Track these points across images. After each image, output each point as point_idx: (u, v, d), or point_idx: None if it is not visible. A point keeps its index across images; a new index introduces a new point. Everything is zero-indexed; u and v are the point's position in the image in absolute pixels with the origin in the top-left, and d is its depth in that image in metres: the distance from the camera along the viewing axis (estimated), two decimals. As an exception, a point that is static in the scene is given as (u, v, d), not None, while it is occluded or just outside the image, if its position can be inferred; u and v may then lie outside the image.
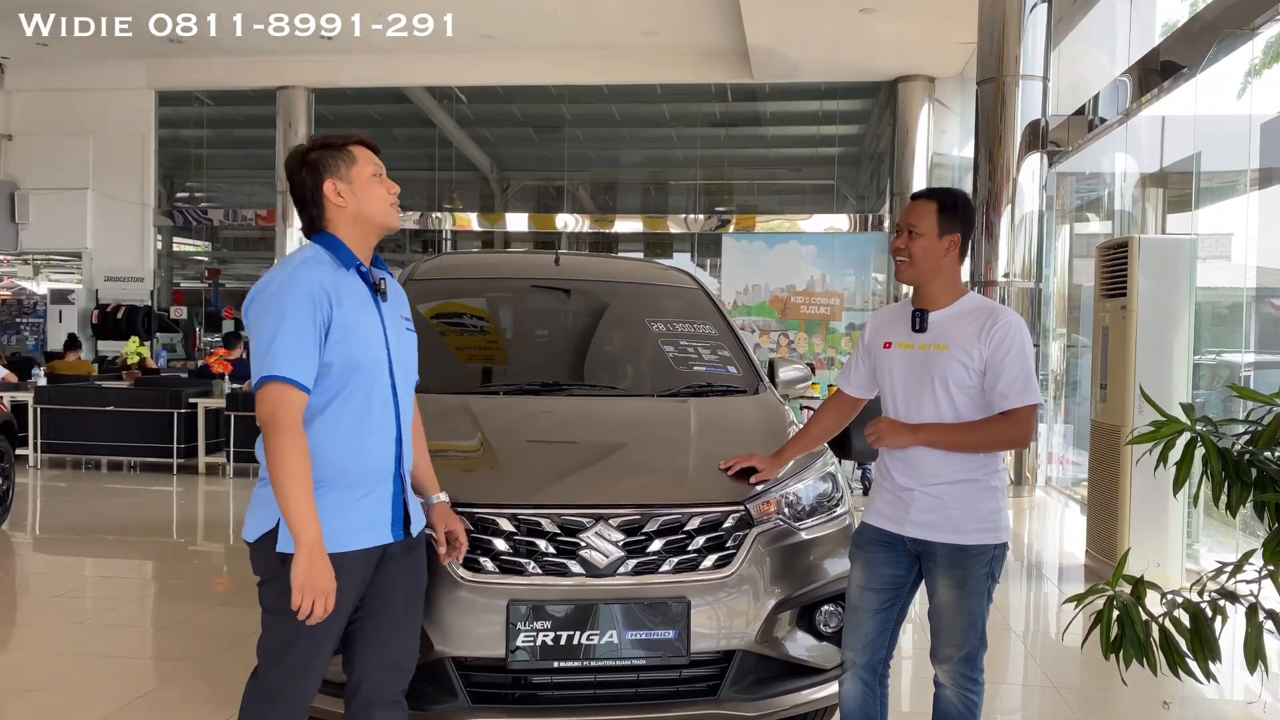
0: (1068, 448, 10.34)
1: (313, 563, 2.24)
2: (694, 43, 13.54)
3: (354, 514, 2.37)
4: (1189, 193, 8.04)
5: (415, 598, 2.57)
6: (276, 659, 2.38)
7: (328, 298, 2.34)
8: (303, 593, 2.23)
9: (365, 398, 2.40)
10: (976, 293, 2.92)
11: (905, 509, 2.81)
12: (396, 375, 2.48)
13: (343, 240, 2.46)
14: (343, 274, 2.42)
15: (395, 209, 2.51)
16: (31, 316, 16.27)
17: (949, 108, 14.13)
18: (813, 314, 13.37)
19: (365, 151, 2.50)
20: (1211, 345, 7.52)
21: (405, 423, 2.51)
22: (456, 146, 16.98)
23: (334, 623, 2.35)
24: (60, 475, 9.91)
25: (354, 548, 2.37)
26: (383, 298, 2.50)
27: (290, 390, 2.27)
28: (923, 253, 2.79)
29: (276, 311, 2.30)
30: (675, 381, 4.00)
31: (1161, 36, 8.31)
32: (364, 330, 2.41)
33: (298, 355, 2.28)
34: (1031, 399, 2.70)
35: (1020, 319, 2.81)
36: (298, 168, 2.47)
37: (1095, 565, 6.45)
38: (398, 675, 2.53)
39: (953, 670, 2.80)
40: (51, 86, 15.29)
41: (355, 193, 2.45)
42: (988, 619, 2.81)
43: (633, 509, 2.98)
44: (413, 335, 2.62)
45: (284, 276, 2.35)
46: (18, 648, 4.77)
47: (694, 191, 17.16)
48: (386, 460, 2.44)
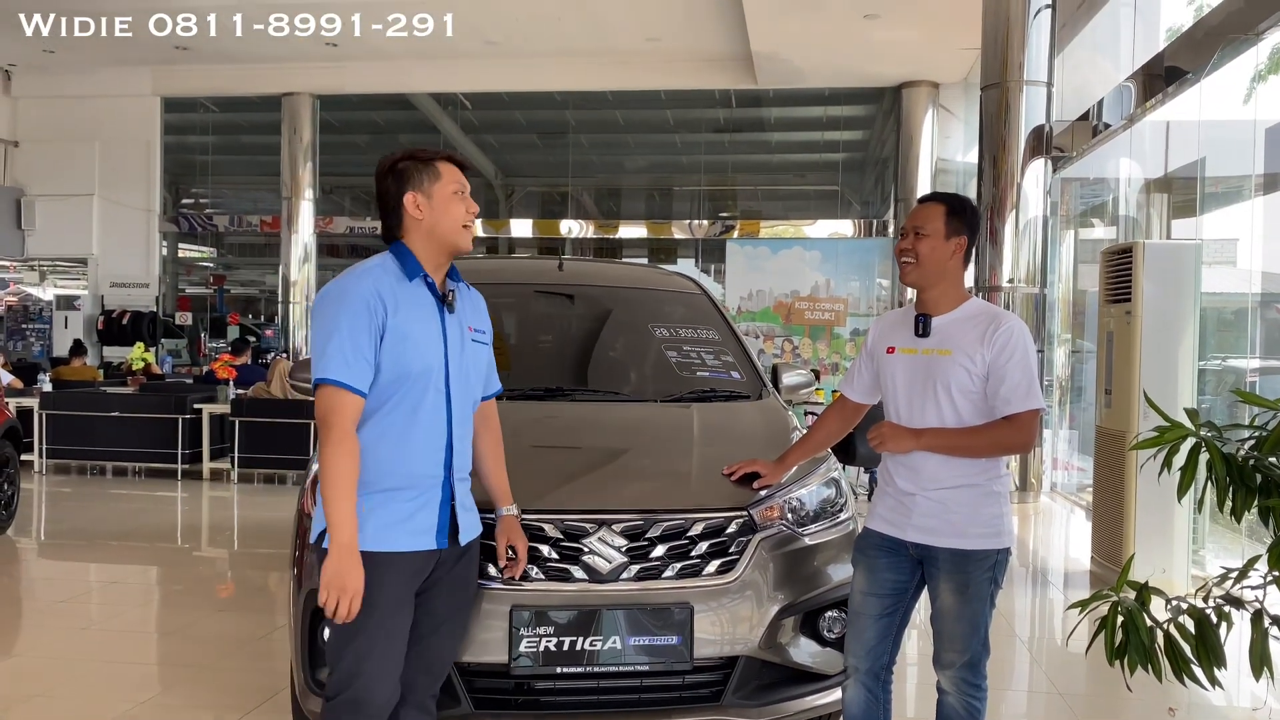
0: (1073, 453, 10.31)
1: (342, 561, 2.29)
2: (698, 48, 13.56)
3: (396, 517, 2.42)
4: (1194, 198, 8.02)
5: (459, 605, 2.61)
6: (335, 659, 2.43)
7: (383, 305, 2.39)
8: (328, 589, 2.29)
9: (415, 405, 2.44)
10: (980, 298, 2.91)
11: (907, 514, 2.80)
12: (453, 385, 2.51)
13: (414, 252, 2.49)
14: (406, 283, 2.46)
15: (469, 230, 2.54)
16: (37, 322, 16.31)
17: (953, 113, 14.13)
18: (817, 319, 13.36)
19: (451, 168, 2.54)
20: (1216, 350, 7.50)
21: (459, 432, 2.54)
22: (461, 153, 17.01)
23: (389, 623, 2.40)
24: (65, 481, 9.92)
25: (393, 549, 2.41)
26: (449, 309, 2.53)
27: (343, 394, 2.34)
28: (929, 253, 2.78)
29: (333, 315, 2.38)
30: (679, 387, 3.99)
31: (1166, 42, 8.31)
32: (420, 339, 2.45)
33: (351, 359, 2.35)
34: (1034, 403, 2.69)
35: (1023, 324, 2.80)
36: (385, 175, 2.53)
37: (1100, 571, 6.43)
38: (428, 679, 2.57)
39: (955, 676, 2.79)
40: (57, 93, 15.34)
41: (433, 208, 2.49)
42: (990, 625, 2.80)
43: (636, 514, 2.98)
44: (482, 347, 2.67)
45: (346, 282, 2.43)
46: (22, 653, 4.78)
47: (698, 197, 17.17)
48: (435, 468, 2.48)
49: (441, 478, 2.50)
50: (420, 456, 2.45)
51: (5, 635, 5.06)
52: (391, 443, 2.42)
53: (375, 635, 2.40)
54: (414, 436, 2.44)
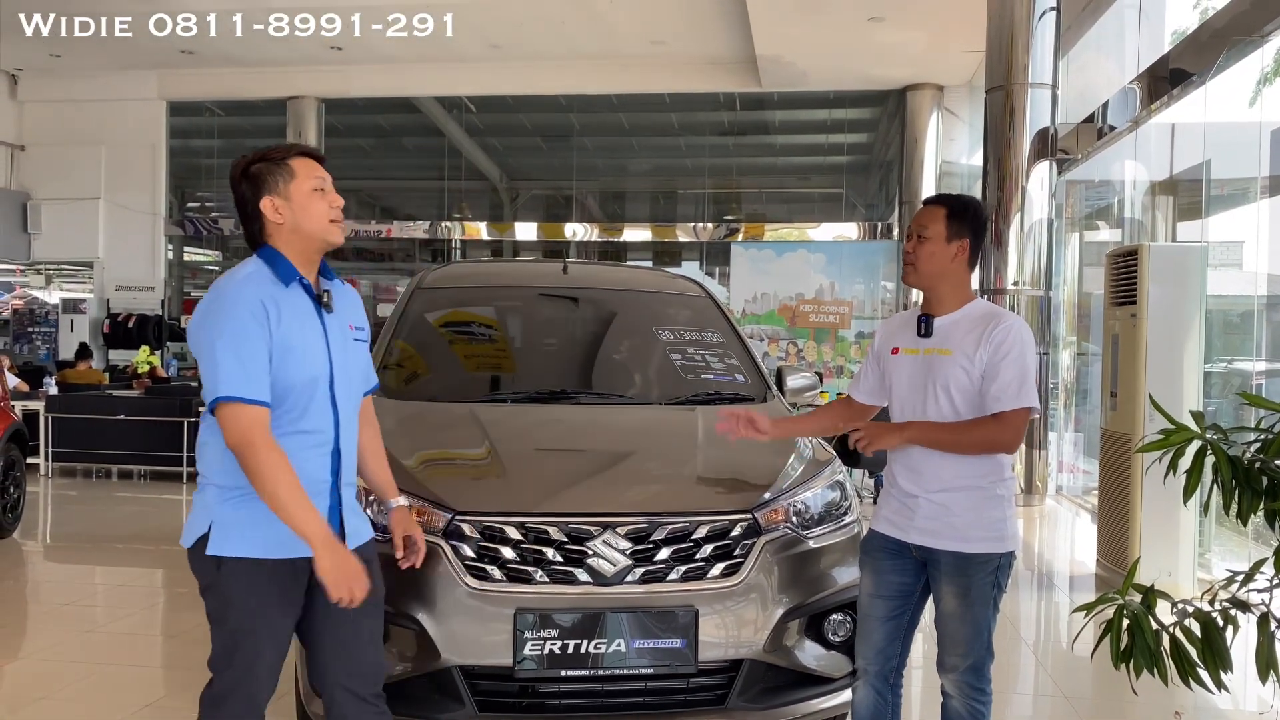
0: (1078, 456, 10.29)
1: (332, 554, 2.27)
2: (702, 52, 13.56)
3: (282, 524, 2.34)
4: (1199, 200, 8.01)
5: (370, 610, 2.48)
6: (221, 666, 2.39)
7: (266, 313, 2.31)
8: (336, 586, 2.27)
9: (300, 413, 2.38)
10: (985, 299, 2.90)
11: (910, 516, 2.79)
12: (338, 389, 2.44)
13: (284, 254, 2.41)
14: (283, 289, 2.38)
15: (337, 224, 2.45)
16: (43, 325, 16.33)
17: (958, 116, 14.12)
18: (821, 322, 13.35)
19: (306, 164, 2.43)
20: (1222, 353, 7.49)
21: (345, 437, 2.48)
22: (465, 156, 17.02)
23: (275, 631, 2.37)
24: (71, 484, 9.94)
25: (281, 556, 2.35)
26: (327, 309, 2.46)
27: (251, 409, 2.27)
28: (928, 257, 2.78)
29: (220, 330, 2.28)
30: (683, 390, 3.99)
31: (1171, 44, 8.30)
32: (304, 348, 2.37)
33: (249, 372, 2.27)
34: (1024, 402, 2.67)
35: (1023, 324, 2.79)
36: (239, 181, 2.43)
37: (1106, 574, 6.41)
38: (365, 683, 2.51)
39: (959, 680, 2.78)
40: (63, 97, 15.38)
41: (293, 208, 2.39)
42: (994, 629, 2.79)
43: (640, 517, 2.98)
44: (361, 345, 2.58)
45: (227, 290, 2.34)
46: (27, 656, 4.78)
47: (702, 200, 17.17)
48: (322, 473, 2.43)
49: (329, 483, 2.44)
50: (307, 463, 2.37)
51: (11, 638, 5.07)
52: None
53: (264, 639, 2.36)
54: (301, 442, 2.37)
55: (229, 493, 2.35)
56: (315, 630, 2.47)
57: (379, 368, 3.98)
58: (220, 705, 2.39)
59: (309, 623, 2.47)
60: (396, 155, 18.76)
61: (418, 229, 16.61)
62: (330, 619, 2.45)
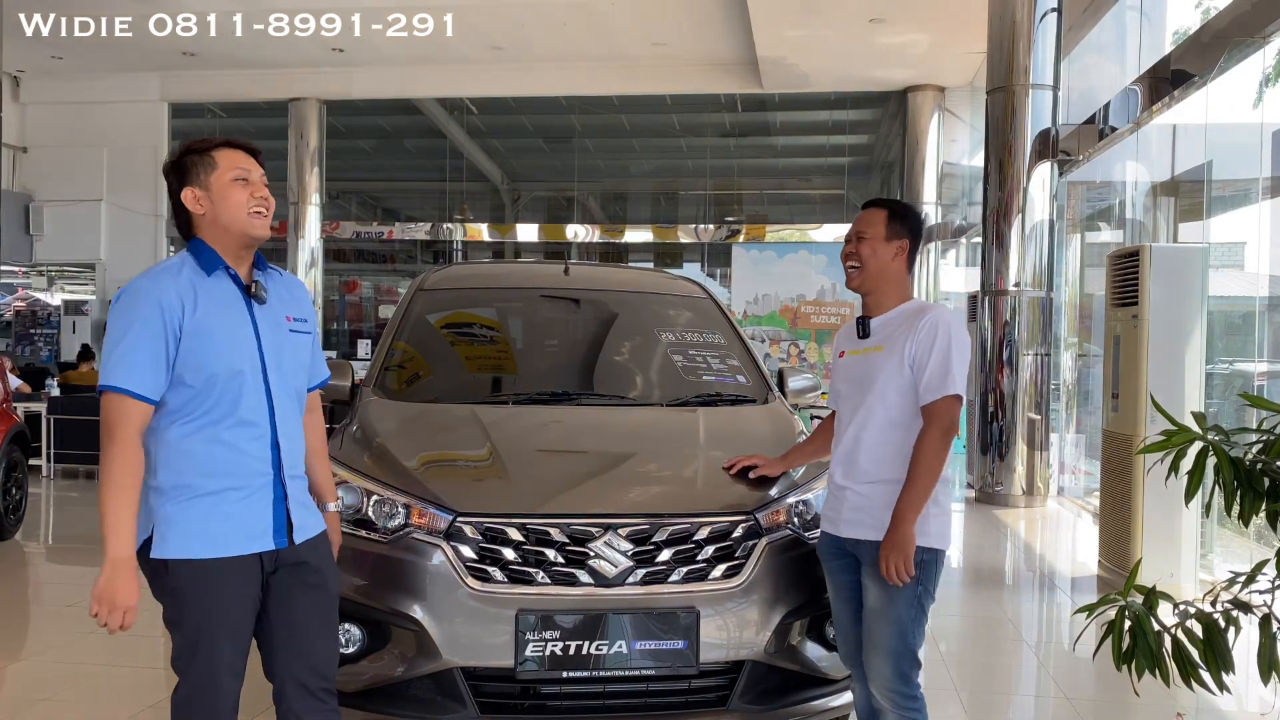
0: (1080, 458, 10.29)
1: (114, 577, 2.25)
2: (704, 53, 13.57)
3: (227, 520, 2.34)
4: (1200, 201, 8.01)
5: (321, 603, 2.49)
6: (183, 668, 2.37)
7: (180, 304, 2.31)
8: (99, 603, 2.25)
9: (233, 403, 2.35)
10: (920, 300, 2.95)
11: (839, 508, 2.84)
12: (272, 379, 2.41)
13: (211, 245, 2.40)
14: (205, 280, 2.37)
15: (259, 216, 2.39)
16: (45, 327, 16.35)
17: (959, 117, 14.13)
18: (823, 323, 13.36)
19: (230, 154, 2.39)
20: (1224, 354, 7.48)
21: (284, 429, 2.44)
22: (467, 157, 17.04)
23: (233, 629, 2.35)
24: (73, 485, 9.95)
25: (228, 554, 2.33)
26: (258, 300, 2.43)
27: (126, 401, 2.27)
28: (870, 254, 2.84)
29: (125, 320, 2.29)
30: (684, 391, 3.99)
31: (1172, 45, 8.30)
32: (226, 336, 2.35)
33: (140, 365, 2.27)
34: (949, 390, 2.69)
35: (951, 314, 2.82)
36: (168, 172, 2.43)
37: (1108, 576, 6.41)
38: (316, 678, 2.47)
39: (885, 689, 2.74)
40: (65, 99, 15.40)
41: (213, 199, 2.37)
42: (921, 637, 2.74)
43: (642, 519, 2.98)
44: (301, 336, 2.54)
45: (140, 283, 2.34)
46: (29, 657, 4.79)
47: (704, 201, 17.18)
48: (262, 465, 2.40)
49: (271, 476, 2.40)
50: (245, 455, 2.36)
51: (13, 639, 5.07)
52: (212, 443, 2.33)
53: (223, 641, 2.34)
54: (236, 435, 2.35)
55: (169, 494, 2.34)
56: (267, 620, 2.44)
57: (380, 369, 3.98)
58: (187, 706, 2.37)
59: (261, 613, 2.44)
60: (398, 157, 18.78)
61: (419, 230, 16.61)
62: (281, 609, 2.43)
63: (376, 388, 3.87)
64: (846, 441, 2.86)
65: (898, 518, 2.67)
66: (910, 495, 2.67)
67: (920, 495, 2.68)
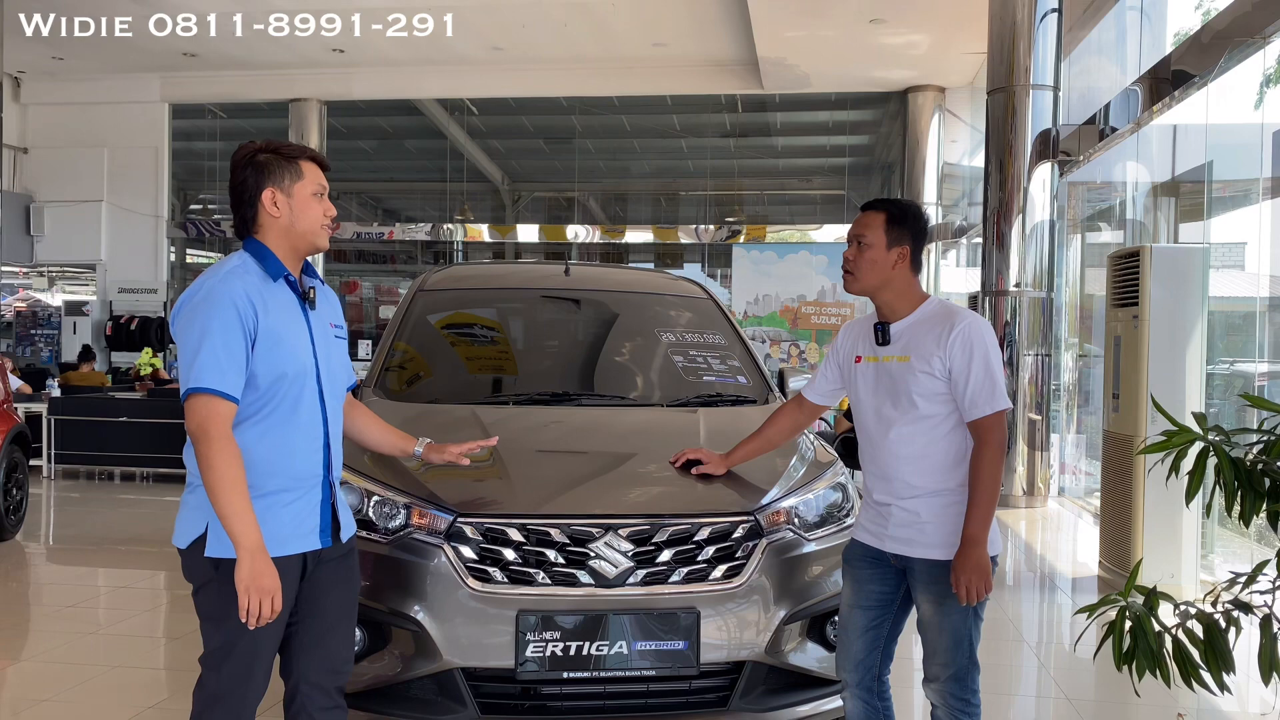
0: (1080, 458, 10.28)
1: (255, 564, 2.27)
2: (704, 54, 13.57)
3: (280, 520, 2.39)
4: (1201, 202, 8.01)
5: (349, 601, 2.57)
6: (217, 664, 2.39)
7: (253, 308, 2.35)
8: (248, 594, 2.26)
9: (292, 406, 2.41)
10: (937, 299, 2.84)
11: (884, 524, 2.76)
12: (324, 383, 2.49)
13: (272, 249, 2.45)
14: (269, 284, 2.42)
15: (327, 231, 2.51)
16: (46, 328, 16.35)
17: (959, 117, 14.13)
18: (823, 324, 13.36)
19: (314, 168, 2.50)
20: (1225, 355, 7.48)
21: (334, 430, 2.52)
22: (468, 158, 17.04)
23: (271, 627, 2.38)
24: (74, 486, 9.95)
25: (284, 553, 2.38)
26: (311, 306, 2.50)
27: (218, 401, 2.30)
28: (869, 266, 2.74)
29: (203, 322, 2.32)
30: (685, 391, 3.99)
31: (1173, 46, 8.29)
32: (291, 340, 2.41)
33: (225, 366, 2.30)
34: (998, 405, 2.64)
35: (979, 321, 2.72)
36: (244, 165, 2.45)
37: (1109, 576, 6.41)
38: (333, 677, 2.53)
39: (943, 690, 2.73)
40: (66, 100, 15.41)
41: (293, 206, 2.44)
42: (978, 639, 2.73)
43: (642, 519, 2.98)
44: (341, 343, 2.63)
45: (211, 286, 2.36)
46: (30, 657, 4.79)
47: (704, 202, 17.18)
48: (314, 467, 2.46)
49: (321, 476, 2.47)
50: (301, 456, 2.43)
51: (14, 640, 5.07)
52: (273, 445, 2.39)
53: (262, 638, 2.38)
54: (294, 436, 2.41)
55: None
56: (296, 619, 2.48)
57: (381, 369, 3.99)
58: (216, 703, 2.39)
59: (291, 613, 2.48)
60: (398, 157, 18.78)
61: (420, 231, 16.62)
62: (312, 608, 2.48)
63: (377, 388, 3.88)
64: (883, 457, 2.76)
65: (970, 540, 2.60)
66: (978, 515, 2.61)
67: (988, 514, 2.62)
